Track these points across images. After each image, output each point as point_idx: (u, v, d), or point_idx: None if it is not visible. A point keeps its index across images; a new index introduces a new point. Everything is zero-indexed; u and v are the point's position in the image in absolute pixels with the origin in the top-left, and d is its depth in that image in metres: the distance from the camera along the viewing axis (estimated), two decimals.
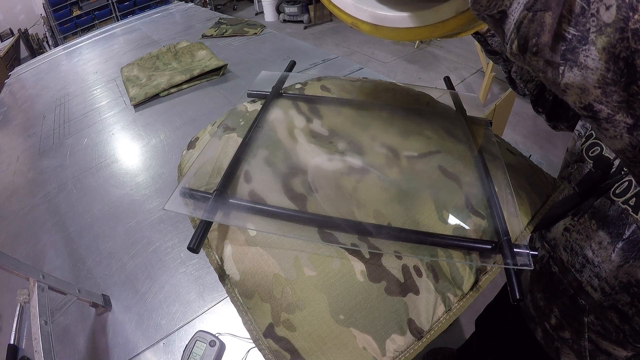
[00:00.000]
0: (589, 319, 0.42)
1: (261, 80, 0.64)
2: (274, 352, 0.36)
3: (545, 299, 0.49)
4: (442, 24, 0.29)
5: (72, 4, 3.84)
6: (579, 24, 0.17)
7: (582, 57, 0.17)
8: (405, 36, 0.32)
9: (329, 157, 0.47)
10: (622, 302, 0.38)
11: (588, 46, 0.17)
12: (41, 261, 0.66)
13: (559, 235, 0.45)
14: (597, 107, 0.18)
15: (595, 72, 0.17)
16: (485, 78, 2.17)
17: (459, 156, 0.47)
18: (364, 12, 0.33)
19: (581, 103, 0.19)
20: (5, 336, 0.53)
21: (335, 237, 0.38)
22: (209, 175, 0.45)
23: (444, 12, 0.28)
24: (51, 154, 0.95)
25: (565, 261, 0.44)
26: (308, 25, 3.89)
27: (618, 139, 0.18)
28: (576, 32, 0.17)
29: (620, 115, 0.17)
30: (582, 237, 0.41)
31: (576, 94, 0.18)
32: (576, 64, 0.17)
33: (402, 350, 0.35)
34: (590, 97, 0.18)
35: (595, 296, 0.40)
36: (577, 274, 0.42)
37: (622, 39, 0.15)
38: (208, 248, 0.43)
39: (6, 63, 3.22)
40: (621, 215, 0.37)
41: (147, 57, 1.29)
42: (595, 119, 0.19)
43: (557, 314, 0.47)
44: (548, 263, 0.47)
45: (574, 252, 0.42)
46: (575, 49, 0.17)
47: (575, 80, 0.18)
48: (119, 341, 0.52)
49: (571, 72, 0.18)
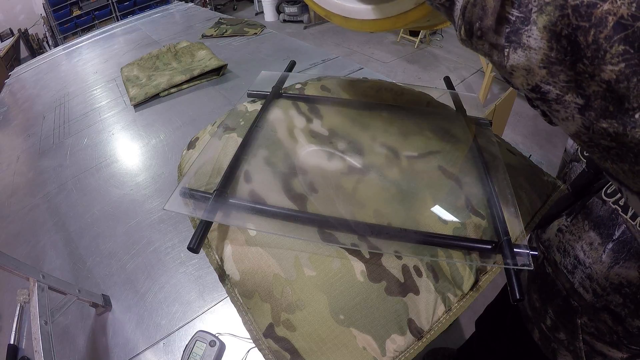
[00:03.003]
0: (583, 320, 0.42)
1: (261, 80, 0.64)
2: (274, 352, 0.36)
3: (540, 300, 0.49)
4: (403, 15, 0.30)
5: (72, 4, 3.84)
6: (521, 6, 0.17)
7: (524, 38, 0.17)
8: (371, 27, 0.34)
9: (328, 157, 0.47)
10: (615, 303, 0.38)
11: (530, 26, 0.17)
12: (41, 261, 0.66)
13: (553, 236, 0.45)
14: (544, 87, 0.18)
15: (539, 52, 0.17)
16: (485, 78, 2.17)
17: (459, 156, 0.47)
18: (335, 5, 0.36)
19: (528, 85, 0.18)
20: (5, 336, 0.53)
21: (335, 237, 0.38)
22: (209, 175, 0.45)
23: (404, 4, 0.30)
24: (51, 154, 0.95)
25: (558, 262, 0.44)
26: (308, 25, 3.89)
27: (570, 121, 0.18)
28: (519, 14, 0.17)
29: (569, 95, 0.17)
30: (574, 238, 0.41)
31: (522, 75, 0.18)
32: (520, 45, 0.17)
33: (402, 350, 0.35)
34: (537, 78, 0.18)
35: (588, 297, 0.40)
36: (569, 275, 0.42)
37: (563, 16, 0.15)
38: (208, 248, 0.43)
39: (6, 63, 3.22)
40: (611, 215, 0.37)
41: (147, 57, 1.29)
42: (545, 100, 0.18)
43: (551, 315, 0.47)
44: (543, 264, 0.47)
45: (566, 253, 0.42)
46: (518, 30, 0.17)
47: (519, 61, 0.18)
48: (119, 341, 0.52)
49: (515, 53, 0.18)
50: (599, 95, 0.16)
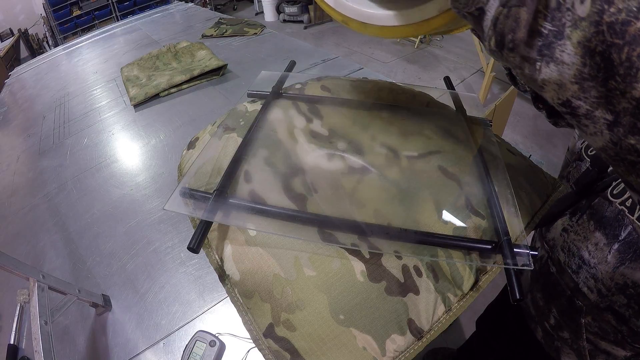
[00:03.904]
0: (586, 319, 0.42)
1: (261, 80, 0.64)
2: (274, 352, 0.36)
3: (544, 299, 0.49)
4: (426, 22, 0.30)
5: (72, 4, 3.84)
6: (555, 19, 0.17)
7: (558, 52, 0.17)
8: (392, 33, 0.33)
9: (329, 157, 0.47)
10: (619, 304, 0.38)
11: (564, 41, 0.16)
12: (41, 261, 0.66)
13: (557, 236, 0.45)
14: (575, 102, 0.18)
15: (572, 67, 0.17)
16: (485, 78, 2.17)
17: (459, 156, 0.47)
18: (353, 10, 0.35)
19: (559, 99, 0.18)
20: (5, 336, 0.53)
21: (335, 237, 0.38)
22: (209, 175, 0.45)
23: (428, 11, 0.29)
24: (51, 154, 0.95)
25: (562, 262, 0.44)
26: (308, 25, 3.89)
27: (598, 136, 0.18)
28: (552, 27, 0.17)
29: (599, 111, 0.17)
30: (579, 238, 0.41)
31: (554, 90, 0.18)
32: (552, 59, 0.17)
33: (402, 350, 0.35)
34: (568, 93, 0.18)
35: (592, 297, 0.40)
36: (573, 275, 0.42)
37: (598, 33, 0.15)
38: (208, 248, 0.43)
39: (6, 63, 3.22)
40: (618, 216, 0.37)
41: (147, 57, 1.29)
42: (574, 115, 0.18)
43: (555, 314, 0.47)
44: (547, 263, 0.47)
45: (571, 253, 0.42)
46: (551, 44, 0.17)
47: (552, 75, 0.18)
48: (119, 341, 0.52)
49: (548, 67, 0.18)
50: (628, 112, 0.16)
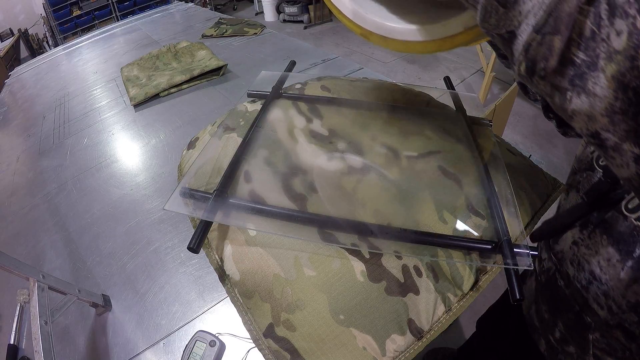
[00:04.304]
0: (594, 336, 0.41)
1: (261, 80, 0.64)
2: (274, 352, 0.36)
3: (550, 312, 0.48)
4: (450, 38, 0.29)
5: (72, 4, 3.84)
6: (588, 49, 0.16)
7: (590, 84, 0.17)
8: (414, 49, 0.32)
9: (328, 157, 0.47)
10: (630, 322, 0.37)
11: (597, 73, 0.16)
12: (41, 261, 0.66)
13: (567, 249, 0.43)
14: (604, 135, 0.18)
15: (603, 100, 0.16)
16: (485, 78, 2.17)
17: (459, 156, 0.47)
18: (374, 23, 0.33)
19: (588, 130, 0.18)
20: (5, 336, 0.53)
21: (335, 237, 0.38)
22: (209, 175, 0.45)
23: (453, 27, 0.28)
24: (51, 154, 0.95)
25: (572, 276, 0.42)
26: (308, 25, 3.89)
27: (625, 168, 0.18)
28: (585, 57, 0.17)
29: (627, 144, 0.17)
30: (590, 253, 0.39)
31: (583, 120, 0.18)
32: (584, 91, 0.17)
33: (402, 350, 0.35)
34: (597, 125, 0.18)
35: (602, 314, 0.39)
36: (583, 290, 0.41)
37: (633, 68, 0.15)
38: (208, 248, 0.43)
39: (6, 63, 3.22)
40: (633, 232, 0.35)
41: (147, 57, 1.29)
42: (602, 146, 0.18)
43: (561, 328, 0.46)
44: (554, 276, 0.46)
45: (581, 267, 0.41)
46: (583, 75, 0.17)
47: (582, 107, 0.17)
48: (119, 341, 0.52)
49: (579, 98, 0.17)
50: None
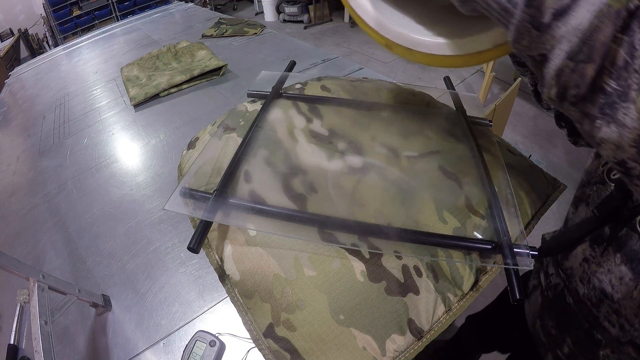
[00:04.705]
0: (605, 352, 0.40)
1: (261, 80, 0.64)
2: (274, 352, 0.36)
3: (557, 328, 0.47)
4: (478, 54, 0.28)
5: (72, 4, 3.84)
6: (620, 78, 0.16)
7: (620, 115, 0.17)
8: (440, 62, 0.31)
9: (329, 157, 0.47)
10: None
11: (628, 104, 0.16)
12: (41, 261, 0.66)
13: (577, 265, 0.42)
14: (630, 164, 0.18)
15: (633, 132, 0.17)
16: (485, 78, 2.17)
17: (459, 156, 0.47)
18: (399, 35, 0.32)
19: (615, 158, 0.19)
20: (5, 336, 0.53)
21: (335, 237, 0.38)
22: (209, 175, 0.45)
23: (482, 43, 0.28)
24: (51, 154, 0.95)
25: (581, 293, 0.41)
26: (308, 25, 3.89)
27: None
28: (617, 87, 0.17)
29: None
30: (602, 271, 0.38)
31: (611, 149, 0.18)
32: (614, 120, 0.17)
33: (402, 350, 0.35)
34: (625, 155, 0.18)
35: (613, 332, 0.38)
36: (593, 308, 0.40)
37: None
38: (208, 248, 0.43)
39: (6, 63, 3.22)
40: None
41: (147, 57, 1.29)
42: (628, 175, 0.19)
43: (570, 344, 0.45)
44: (562, 293, 0.45)
45: (591, 286, 0.40)
46: (614, 105, 0.17)
47: (611, 136, 0.18)
48: (119, 341, 0.52)
49: (608, 127, 0.18)
50: None
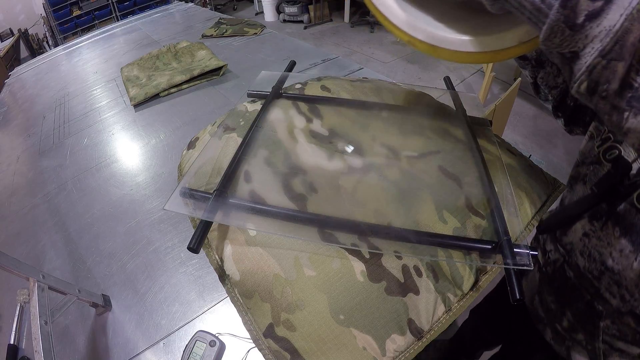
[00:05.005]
0: (605, 323, 0.41)
1: (261, 80, 0.64)
2: (274, 352, 0.36)
3: (557, 302, 0.48)
4: (503, 51, 0.29)
5: (72, 4, 3.84)
6: None
7: None
8: (464, 59, 0.31)
9: (328, 157, 0.47)
10: None
11: None
12: (41, 261, 0.66)
13: (577, 240, 0.43)
14: None
15: None
16: (485, 78, 2.16)
17: (459, 156, 0.47)
18: (424, 32, 0.32)
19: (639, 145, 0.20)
20: (5, 336, 0.53)
21: (335, 237, 0.38)
22: (209, 175, 0.45)
23: (507, 41, 0.28)
24: (51, 154, 0.95)
25: (582, 267, 0.43)
26: (308, 25, 3.89)
27: None
28: None
29: None
30: (602, 244, 0.40)
31: (637, 137, 0.20)
32: None
33: (402, 351, 0.35)
34: None
35: (614, 302, 0.39)
36: (594, 280, 0.41)
37: None
38: (208, 248, 0.43)
39: (6, 63, 3.22)
40: None
41: (147, 57, 1.29)
42: None
43: (570, 317, 0.46)
44: (562, 267, 0.46)
45: (592, 259, 0.41)
46: None
47: (637, 126, 0.20)
48: (119, 341, 0.52)
49: (635, 118, 0.19)
50: None
